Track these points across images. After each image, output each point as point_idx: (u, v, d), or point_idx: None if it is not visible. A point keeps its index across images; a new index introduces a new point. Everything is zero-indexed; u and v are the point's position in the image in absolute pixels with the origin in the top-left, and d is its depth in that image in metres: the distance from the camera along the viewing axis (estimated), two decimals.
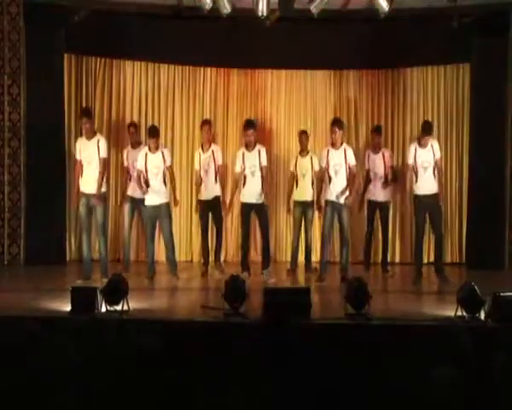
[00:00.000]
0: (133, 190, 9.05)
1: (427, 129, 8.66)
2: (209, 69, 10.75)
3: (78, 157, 8.49)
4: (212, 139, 9.38)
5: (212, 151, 9.04)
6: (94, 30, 9.60)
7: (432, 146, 8.53)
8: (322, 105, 10.74)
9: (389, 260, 9.90)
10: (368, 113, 10.68)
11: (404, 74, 10.67)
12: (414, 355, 4.67)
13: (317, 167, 9.11)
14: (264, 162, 8.70)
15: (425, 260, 9.79)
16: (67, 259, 9.86)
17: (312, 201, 9.26)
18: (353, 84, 10.76)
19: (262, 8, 8.24)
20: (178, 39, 10.03)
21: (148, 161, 8.58)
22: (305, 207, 9.30)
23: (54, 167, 9.54)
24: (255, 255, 9.96)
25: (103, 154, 8.34)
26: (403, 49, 10.03)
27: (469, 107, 10.13)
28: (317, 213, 9.37)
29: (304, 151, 9.39)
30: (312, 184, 9.25)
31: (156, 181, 8.58)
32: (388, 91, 10.70)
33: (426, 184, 8.50)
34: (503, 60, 9.58)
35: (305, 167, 9.25)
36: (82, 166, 8.40)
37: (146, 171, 8.56)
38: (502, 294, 6.21)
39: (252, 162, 8.67)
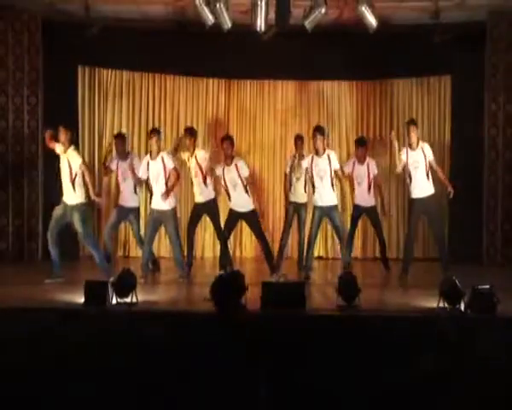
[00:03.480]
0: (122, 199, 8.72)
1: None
2: (211, 80, 10.79)
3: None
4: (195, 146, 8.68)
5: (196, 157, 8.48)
6: (106, 44, 9.61)
7: (422, 148, 8.13)
8: (315, 115, 10.74)
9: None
10: (358, 122, 10.70)
11: (391, 85, 10.71)
12: (400, 343, 4.67)
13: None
14: (245, 174, 8.23)
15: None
16: (80, 254, 9.94)
17: (306, 202, 9.04)
18: (344, 94, 10.80)
19: (260, 24, 8.25)
20: (183, 52, 10.03)
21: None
22: (298, 207, 9.05)
23: None
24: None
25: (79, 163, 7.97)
26: (390, 62, 10.04)
27: (450, 116, 10.22)
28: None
29: (300, 155, 9.01)
30: (305, 186, 9.00)
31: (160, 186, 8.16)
32: (376, 101, 10.74)
33: (419, 186, 8.11)
34: (481, 72, 9.65)
35: (300, 171, 9.07)
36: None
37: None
38: (480, 287, 6.23)
39: (230, 175, 8.22)
